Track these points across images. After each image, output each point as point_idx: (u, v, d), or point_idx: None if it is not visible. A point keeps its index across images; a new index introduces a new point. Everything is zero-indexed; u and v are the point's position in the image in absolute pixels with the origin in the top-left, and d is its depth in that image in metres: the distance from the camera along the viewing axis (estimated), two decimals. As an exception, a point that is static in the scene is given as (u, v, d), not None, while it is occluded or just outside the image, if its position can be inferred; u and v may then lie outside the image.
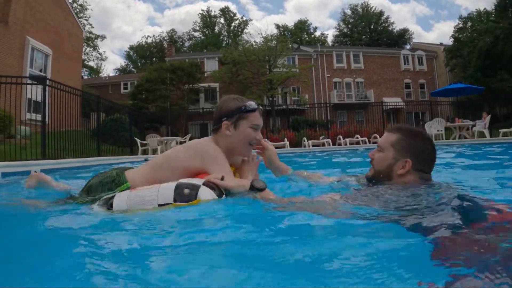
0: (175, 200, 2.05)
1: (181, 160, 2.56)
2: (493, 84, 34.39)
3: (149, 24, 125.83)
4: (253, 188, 2.26)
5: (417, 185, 2.15)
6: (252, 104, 2.63)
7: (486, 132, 17.48)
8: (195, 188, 2.09)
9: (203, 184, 2.14)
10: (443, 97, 26.68)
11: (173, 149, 2.76)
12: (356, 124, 31.29)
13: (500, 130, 17.35)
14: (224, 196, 2.19)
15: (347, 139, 18.69)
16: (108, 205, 2.20)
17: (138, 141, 17.68)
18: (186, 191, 2.07)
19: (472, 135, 17.94)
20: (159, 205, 2.05)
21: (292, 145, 19.67)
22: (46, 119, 10.48)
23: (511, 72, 34.71)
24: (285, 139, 19.70)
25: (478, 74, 36.59)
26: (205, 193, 2.09)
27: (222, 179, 2.25)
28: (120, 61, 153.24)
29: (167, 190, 2.10)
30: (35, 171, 3.50)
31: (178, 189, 2.08)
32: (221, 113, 2.62)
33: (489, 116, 17.97)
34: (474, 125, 18.18)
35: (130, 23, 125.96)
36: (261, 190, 2.26)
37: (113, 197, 2.25)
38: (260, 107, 2.71)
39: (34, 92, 11.21)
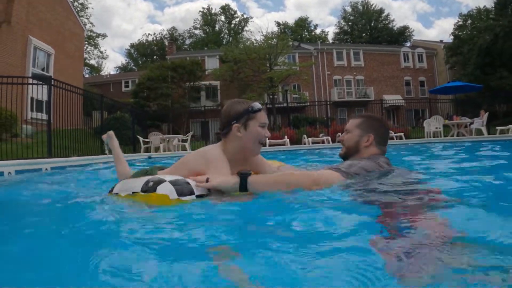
0: (141, 190, 2.33)
1: (191, 164, 2.80)
2: (493, 81, 34.50)
3: (150, 22, 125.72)
4: (241, 175, 2.43)
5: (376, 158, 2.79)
6: (257, 104, 2.78)
7: (484, 129, 17.57)
8: (157, 183, 2.35)
9: (170, 181, 2.38)
10: (442, 94, 26.82)
11: (190, 153, 3.00)
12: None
13: (497, 128, 17.45)
14: (190, 196, 2.35)
15: (347, 137, 18.82)
16: (111, 190, 2.55)
17: (141, 139, 17.81)
18: (150, 183, 2.34)
19: (470, 133, 18.06)
20: (133, 192, 2.35)
21: (292, 142, 19.85)
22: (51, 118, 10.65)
23: (510, 70, 34.82)
24: (285, 136, 19.88)
25: (478, 71, 36.68)
26: (163, 188, 2.32)
27: (207, 181, 2.45)
28: (121, 59, 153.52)
29: (140, 181, 2.40)
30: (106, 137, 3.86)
31: (147, 181, 2.38)
32: (229, 117, 2.77)
33: (487, 113, 18.05)
34: (472, 123, 18.27)
35: (130, 21, 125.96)
36: (248, 175, 2.45)
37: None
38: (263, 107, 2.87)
39: (37, 91, 11.40)
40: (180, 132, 28.40)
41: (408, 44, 62.97)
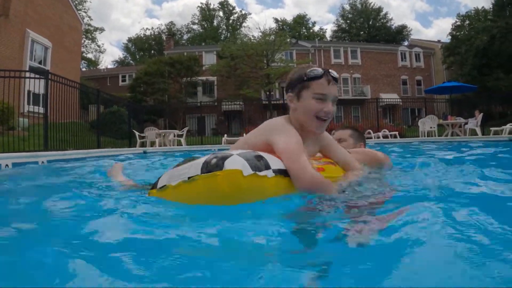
0: (201, 172, 1.91)
1: (250, 139, 2.46)
2: (489, 82, 34.64)
3: (148, 16, 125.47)
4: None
5: None
6: (315, 70, 2.36)
7: (478, 130, 17.69)
8: (223, 158, 1.92)
9: (239, 154, 1.99)
10: (438, 94, 27.01)
11: (249, 133, 2.61)
12: (352, 120, 31.66)
13: (491, 129, 17.52)
14: (266, 171, 1.98)
15: (341, 134, 18.91)
16: (154, 185, 2.23)
17: (137, 133, 17.87)
18: (213, 161, 1.92)
19: (465, 133, 18.18)
20: (189, 178, 1.95)
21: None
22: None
23: (507, 71, 34.93)
24: (281, 133, 19.99)
25: (475, 72, 36.83)
26: (233, 163, 1.90)
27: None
28: (118, 53, 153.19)
29: (197, 164, 1.99)
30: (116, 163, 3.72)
31: (207, 160, 1.96)
32: (287, 86, 2.49)
33: (481, 114, 18.16)
34: (466, 123, 18.39)
35: (128, 15, 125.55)
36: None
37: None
38: (331, 75, 2.39)
39: (33, 84, 11.45)
40: (176, 127, 28.48)
41: (406, 43, 63.07)
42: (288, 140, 2.20)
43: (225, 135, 21.42)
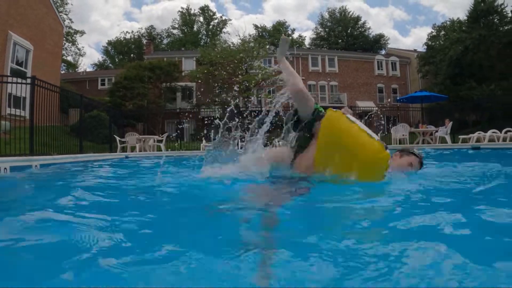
0: None
1: None
2: (462, 92, 35.36)
3: (126, 19, 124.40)
4: None
5: None
6: None
7: (448, 137, 18.32)
8: None
9: None
10: (410, 103, 27.66)
11: None
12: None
13: (459, 137, 18.08)
14: None
15: (316, 141, 19.37)
16: None
17: (117, 138, 18.04)
18: None
19: (435, 140, 18.81)
20: None
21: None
22: (28, 115, 10.86)
23: (479, 81, 35.71)
24: (257, 139, 20.42)
25: (448, 81, 37.61)
26: None
27: None
28: (97, 56, 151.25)
29: None
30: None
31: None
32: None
33: (451, 122, 18.76)
34: (436, 131, 19.03)
35: (107, 17, 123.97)
36: None
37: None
38: None
39: (15, 88, 11.57)
40: (155, 132, 28.65)
41: (383, 52, 64.08)
42: None
43: (203, 140, 21.72)
